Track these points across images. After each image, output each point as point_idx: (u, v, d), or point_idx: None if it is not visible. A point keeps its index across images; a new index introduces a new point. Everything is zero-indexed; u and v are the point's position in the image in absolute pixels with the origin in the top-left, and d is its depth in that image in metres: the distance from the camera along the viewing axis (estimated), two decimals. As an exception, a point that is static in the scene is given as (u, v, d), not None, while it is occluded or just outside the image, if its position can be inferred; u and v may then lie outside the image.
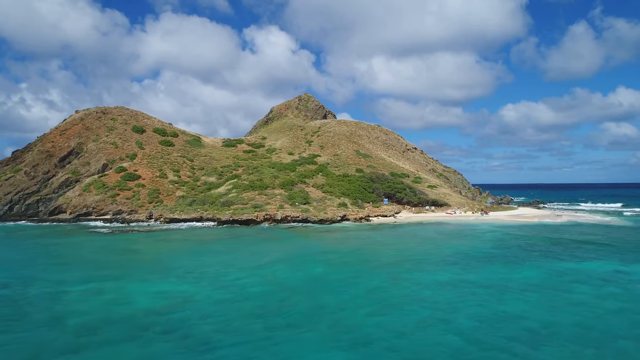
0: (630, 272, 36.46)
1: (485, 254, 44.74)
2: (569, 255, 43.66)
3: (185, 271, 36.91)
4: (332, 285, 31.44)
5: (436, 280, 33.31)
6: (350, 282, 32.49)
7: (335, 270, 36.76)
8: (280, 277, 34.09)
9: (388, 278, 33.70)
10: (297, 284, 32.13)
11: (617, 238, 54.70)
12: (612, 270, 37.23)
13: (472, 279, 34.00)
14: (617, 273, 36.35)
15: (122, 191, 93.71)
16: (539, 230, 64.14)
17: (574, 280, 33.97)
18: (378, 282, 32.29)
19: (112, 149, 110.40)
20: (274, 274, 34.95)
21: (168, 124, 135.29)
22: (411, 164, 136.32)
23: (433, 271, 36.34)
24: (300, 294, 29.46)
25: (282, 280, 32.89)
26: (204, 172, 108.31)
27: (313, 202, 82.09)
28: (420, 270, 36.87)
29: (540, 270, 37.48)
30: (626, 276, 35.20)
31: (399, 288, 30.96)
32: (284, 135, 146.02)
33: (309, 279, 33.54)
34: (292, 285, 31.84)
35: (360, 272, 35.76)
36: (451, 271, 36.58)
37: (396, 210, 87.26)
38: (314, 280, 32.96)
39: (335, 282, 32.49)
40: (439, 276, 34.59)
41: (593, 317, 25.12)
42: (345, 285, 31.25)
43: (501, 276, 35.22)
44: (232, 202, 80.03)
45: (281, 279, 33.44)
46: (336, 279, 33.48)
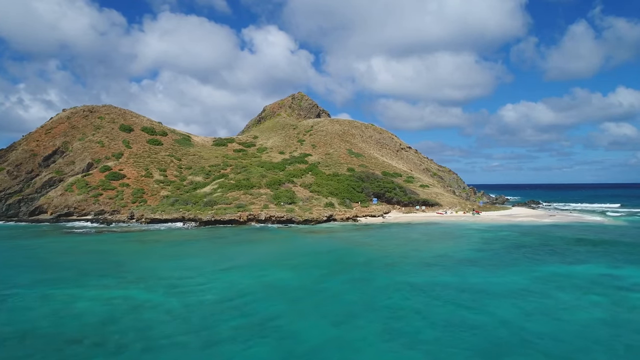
0: (618, 277, 34.14)
1: (468, 256, 42.46)
2: (555, 258, 41.35)
3: (144, 275, 34.66)
4: (294, 293, 29.14)
5: (408, 284, 31.01)
6: (315, 288, 30.20)
7: (303, 274, 34.45)
8: (240, 283, 31.80)
9: (356, 283, 31.41)
10: (256, 290, 29.83)
11: (609, 239, 52.37)
12: (599, 274, 34.93)
13: (448, 283, 31.71)
14: (605, 277, 34.04)
15: (106, 191, 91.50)
16: (529, 230, 61.81)
17: (557, 285, 31.65)
18: (344, 288, 30.01)
19: (98, 147, 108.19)
20: (235, 280, 32.67)
21: (157, 123, 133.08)
22: (405, 164, 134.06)
23: (407, 275, 34.03)
24: (256, 302, 27.18)
25: (241, 287, 30.59)
26: (191, 171, 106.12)
27: (299, 201, 79.83)
28: (394, 273, 34.57)
29: (523, 274, 35.17)
30: (613, 281, 32.87)
31: (364, 294, 28.66)
32: (275, 134, 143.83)
33: (271, 285, 31.23)
34: (251, 291, 29.55)
35: (328, 277, 33.47)
36: (427, 275, 34.29)
37: (385, 210, 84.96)
38: (276, 287, 30.66)
39: (298, 288, 30.19)
40: (413, 280, 32.29)
41: (570, 329, 22.84)
42: (307, 292, 28.96)
43: (480, 280, 32.94)
44: (215, 201, 77.78)
45: (241, 285, 31.14)
46: (300, 285, 31.18)
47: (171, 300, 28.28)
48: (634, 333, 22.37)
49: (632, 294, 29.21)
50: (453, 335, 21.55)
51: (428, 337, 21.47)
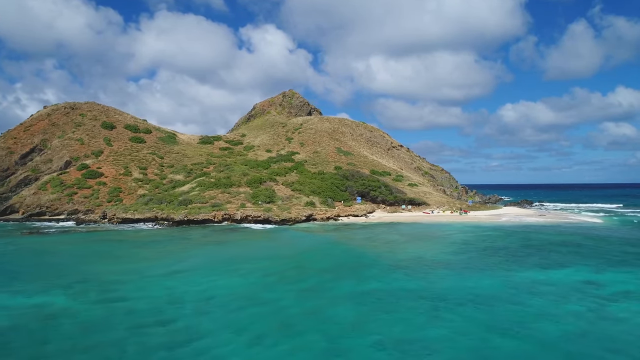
0: (600, 284, 30.92)
1: (443, 259, 39.31)
2: (535, 261, 38.15)
3: (79, 279, 31.55)
4: (233, 303, 25.93)
5: (363, 292, 27.84)
6: (258, 298, 26.95)
7: (253, 281, 31.22)
8: (179, 290, 28.62)
9: (305, 291, 28.20)
10: (192, 299, 26.67)
11: (596, 241, 49.17)
12: (580, 280, 31.72)
13: (410, 289, 28.53)
14: (585, 283, 30.84)
15: (81, 189, 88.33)
16: (514, 231, 58.62)
17: (532, 291, 28.48)
18: (290, 298, 26.76)
19: (77, 145, 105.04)
20: (175, 287, 29.46)
21: (142, 120, 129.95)
22: (395, 162, 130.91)
23: (368, 281, 30.83)
24: (185, 316, 23.99)
25: (177, 295, 27.40)
26: (172, 170, 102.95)
27: (278, 200, 76.64)
28: (355, 279, 31.37)
29: (497, 278, 32.01)
30: (595, 289, 29.66)
31: (309, 304, 25.48)
32: (264, 132, 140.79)
33: (213, 294, 28.02)
34: (184, 300, 26.40)
35: (279, 285, 30.22)
36: (391, 280, 31.11)
37: (369, 210, 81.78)
38: (217, 296, 27.46)
39: (240, 298, 26.96)
40: (372, 287, 29.10)
41: (531, 346, 19.64)
42: (247, 303, 25.69)
43: (447, 285, 29.79)
44: (191, 200, 74.61)
45: (178, 293, 27.95)
46: (244, 294, 27.91)
47: (94, 308, 25.15)
48: (605, 351, 19.20)
49: (612, 304, 26.02)
50: (390, 355, 18.38)
51: (358, 357, 18.30)
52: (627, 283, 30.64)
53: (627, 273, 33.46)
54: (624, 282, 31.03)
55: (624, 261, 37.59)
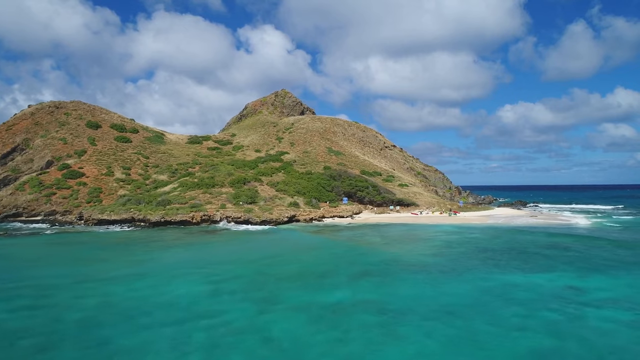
0: (582, 289, 28.35)
1: (419, 262, 36.73)
2: (518, 264, 35.61)
3: (16, 284, 29.00)
4: (171, 315, 23.34)
5: (321, 304, 25.19)
6: (202, 310, 24.30)
7: (203, 289, 28.53)
8: (113, 297, 26.07)
9: (258, 302, 25.56)
10: (123, 308, 24.14)
11: (587, 244, 46.58)
12: (562, 286, 29.15)
13: (372, 300, 25.93)
14: (567, 289, 28.28)
15: (60, 190, 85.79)
16: (502, 232, 56.08)
17: (508, 299, 25.94)
18: (239, 310, 24.08)
19: (60, 145, 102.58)
20: (113, 292, 26.94)
21: (130, 120, 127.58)
22: (387, 162, 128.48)
23: (329, 290, 28.23)
24: (104, 329, 21.45)
25: (109, 303, 24.89)
26: (157, 170, 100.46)
27: (261, 201, 74.12)
28: (315, 288, 28.76)
29: (472, 284, 29.46)
30: (577, 295, 27.11)
31: (257, 318, 22.86)
32: (254, 132, 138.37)
33: (150, 302, 25.48)
34: (116, 309, 23.86)
35: (230, 294, 27.62)
36: (354, 289, 28.50)
37: (356, 211, 79.24)
38: (155, 306, 24.91)
39: (182, 309, 24.32)
40: (331, 297, 26.45)
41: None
42: (187, 316, 23.01)
43: (414, 293, 27.21)
44: (169, 201, 72.08)
45: (112, 300, 25.43)
46: (188, 304, 25.23)
47: (15, 316, 22.64)
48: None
49: (593, 313, 23.45)
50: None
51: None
52: (612, 289, 28.10)
53: (613, 278, 30.92)
54: (608, 288, 28.48)
55: (611, 265, 35.02)
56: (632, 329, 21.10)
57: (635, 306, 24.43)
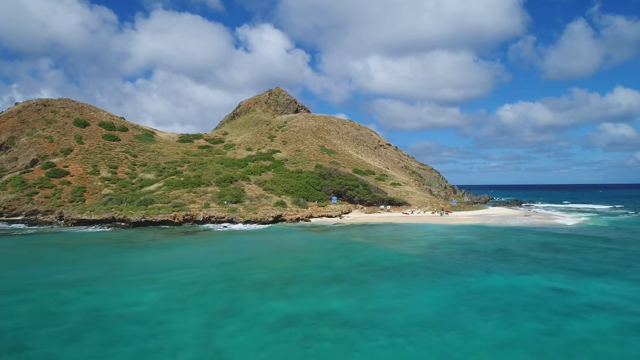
0: (569, 293, 26.26)
1: (399, 266, 34.64)
2: (503, 267, 33.50)
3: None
4: (109, 327, 21.30)
5: (281, 316, 23.01)
6: (144, 322, 22.28)
7: (158, 298, 26.40)
8: (52, 304, 24.04)
9: (214, 314, 23.43)
10: (59, 315, 22.09)
11: (580, 245, 44.48)
12: (547, 289, 27.10)
13: (341, 308, 23.80)
14: (552, 293, 26.23)
15: (43, 189, 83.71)
16: (492, 232, 53.99)
17: (485, 306, 23.84)
18: (189, 323, 21.92)
19: (46, 143, 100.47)
20: (54, 298, 24.88)
21: (119, 118, 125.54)
22: (381, 161, 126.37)
23: (296, 296, 26.20)
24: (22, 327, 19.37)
25: (43, 310, 22.85)
26: (144, 168, 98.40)
27: (246, 200, 72.04)
28: (281, 294, 26.71)
29: (449, 289, 27.37)
30: (561, 299, 25.06)
31: (207, 335, 20.74)
32: (247, 131, 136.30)
33: (97, 311, 23.46)
34: (47, 319, 21.79)
35: (188, 303, 25.52)
36: (324, 295, 26.45)
37: (345, 210, 77.13)
38: (100, 315, 22.89)
39: (126, 321, 22.32)
40: (292, 308, 24.28)
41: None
42: (121, 333, 20.99)
43: (387, 302, 25.06)
44: (152, 200, 69.99)
45: (48, 307, 23.40)
46: (132, 316, 23.26)
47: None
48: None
49: (576, 321, 21.38)
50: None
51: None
52: (598, 293, 26.00)
53: (601, 282, 28.82)
54: (595, 292, 26.38)
55: (600, 268, 32.90)
56: (618, 344, 19.01)
57: (620, 312, 22.35)
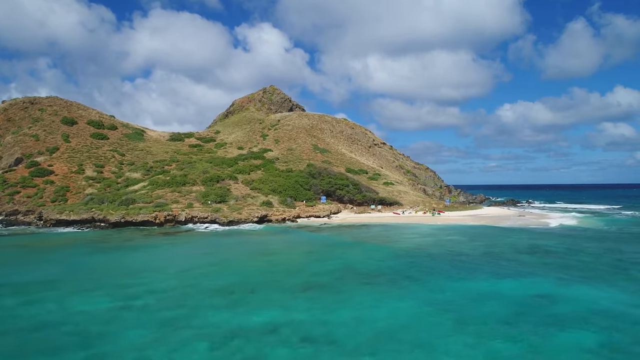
0: (554, 301, 24.16)
1: (377, 270, 32.53)
2: (487, 271, 31.40)
3: None
4: (45, 339, 19.25)
5: (239, 326, 21.00)
6: (89, 333, 20.30)
7: (110, 306, 24.39)
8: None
9: (162, 325, 21.35)
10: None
11: (572, 247, 42.37)
12: (530, 296, 25.02)
13: (304, 320, 21.74)
14: (536, 301, 24.17)
15: (25, 188, 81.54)
16: (482, 234, 51.87)
17: (465, 319, 21.65)
18: (133, 336, 19.90)
19: (31, 142, 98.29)
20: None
21: (109, 117, 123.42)
22: (375, 160, 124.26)
23: (259, 306, 24.11)
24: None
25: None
26: (132, 167, 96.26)
27: (231, 200, 69.91)
28: (243, 303, 24.65)
29: (425, 297, 25.28)
30: (545, 309, 22.95)
31: (146, 347, 18.76)
32: (239, 129, 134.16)
33: (34, 319, 21.45)
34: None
35: (142, 312, 23.51)
36: (290, 304, 24.40)
37: (334, 210, 75.01)
38: (37, 325, 20.90)
39: (61, 334, 20.26)
40: (257, 316, 22.18)
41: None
42: (64, 343, 18.98)
43: (356, 312, 22.88)
44: (134, 200, 67.87)
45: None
46: (72, 326, 21.19)
47: None
48: None
49: (558, 337, 19.24)
50: None
51: None
52: (585, 301, 23.86)
53: (589, 287, 26.70)
54: (581, 299, 24.25)
55: (591, 272, 30.78)
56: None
57: (607, 326, 20.21)
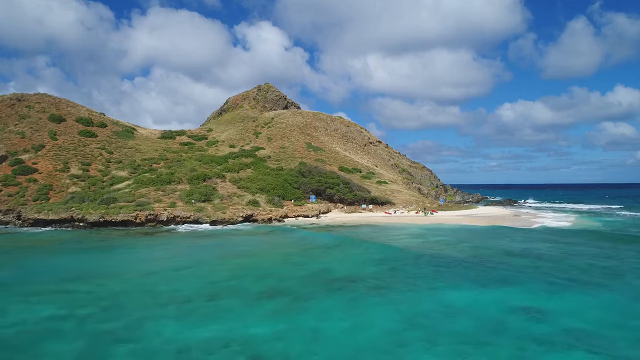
0: (540, 315, 21.84)
1: (354, 275, 30.29)
2: (473, 277, 29.13)
3: None
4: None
5: (178, 342, 18.75)
6: (14, 348, 18.00)
7: (47, 315, 22.22)
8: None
9: (96, 338, 19.22)
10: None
11: (565, 251, 40.03)
12: (515, 309, 22.64)
13: (259, 335, 19.52)
14: (521, 315, 21.84)
15: (7, 187, 79.34)
16: (473, 234, 49.58)
17: (433, 337, 19.39)
18: (59, 352, 17.74)
19: (17, 139, 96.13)
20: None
21: (99, 114, 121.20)
22: (370, 159, 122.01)
23: (214, 316, 21.98)
24: None
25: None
26: (119, 166, 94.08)
27: (216, 199, 67.70)
28: (197, 313, 22.44)
29: (400, 309, 22.87)
30: (530, 323, 20.72)
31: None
32: (232, 127, 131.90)
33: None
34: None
35: (80, 324, 21.30)
36: (249, 314, 22.19)
37: (323, 210, 72.76)
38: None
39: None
40: (206, 330, 19.97)
41: None
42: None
43: (316, 328, 20.48)
44: (115, 199, 65.68)
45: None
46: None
47: None
48: None
49: (543, 354, 16.98)
50: None
51: None
52: (575, 315, 21.58)
53: (581, 297, 24.44)
54: (571, 312, 21.93)
55: (584, 279, 28.48)
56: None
57: (598, 346, 17.92)
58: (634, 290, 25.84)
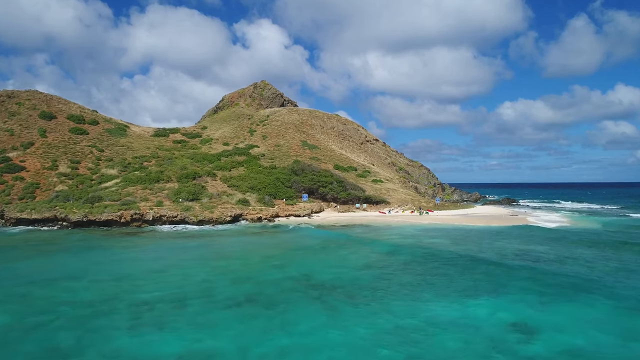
0: (532, 331, 19.94)
1: (335, 281, 28.41)
2: (462, 285, 27.23)
3: None
4: None
5: (128, 357, 16.93)
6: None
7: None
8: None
9: (46, 350, 17.52)
10: None
11: (563, 254, 38.12)
12: (504, 324, 20.66)
13: (212, 351, 17.72)
14: (510, 332, 19.90)
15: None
16: (467, 235, 47.61)
17: (411, 356, 17.51)
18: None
19: (6, 136, 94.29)
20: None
21: (91, 111, 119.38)
22: (367, 157, 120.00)
23: (169, 327, 20.15)
24: None
25: None
26: (109, 164, 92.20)
27: (205, 198, 65.78)
28: (152, 324, 20.61)
29: (377, 322, 20.87)
30: (518, 344, 18.81)
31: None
32: (227, 125, 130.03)
33: None
34: None
35: (25, 332, 19.50)
36: (211, 324, 20.41)
37: (316, 209, 70.81)
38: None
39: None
40: (154, 343, 18.19)
41: None
42: None
43: (282, 343, 18.64)
44: (100, 197, 63.79)
45: None
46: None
47: None
48: None
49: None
50: None
51: None
52: (569, 329, 19.66)
53: (577, 307, 22.49)
54: (565, 326, 20.01)
55: (582, 286, 26.51)
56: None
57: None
58: (630, 300, 23.89)
